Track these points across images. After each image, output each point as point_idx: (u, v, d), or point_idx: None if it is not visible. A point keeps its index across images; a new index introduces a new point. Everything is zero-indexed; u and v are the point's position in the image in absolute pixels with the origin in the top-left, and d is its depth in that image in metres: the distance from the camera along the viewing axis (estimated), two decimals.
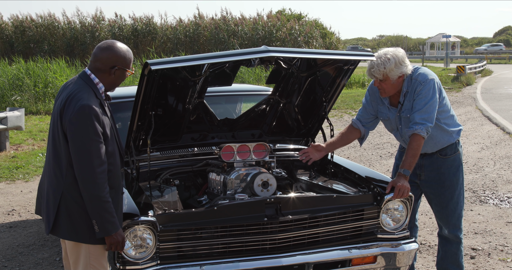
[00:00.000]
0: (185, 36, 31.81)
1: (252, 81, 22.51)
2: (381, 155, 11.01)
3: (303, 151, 4.96)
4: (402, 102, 4.56)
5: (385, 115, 4.73)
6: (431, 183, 4.71)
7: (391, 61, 4.37)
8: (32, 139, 13.25)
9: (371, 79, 4.57)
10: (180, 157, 5.14)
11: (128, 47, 3.65)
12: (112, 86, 3.63)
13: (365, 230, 4.41)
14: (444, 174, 4.65)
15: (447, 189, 4.66)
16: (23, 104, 18.05)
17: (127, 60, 3.58)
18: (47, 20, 32.69)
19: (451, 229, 4.73)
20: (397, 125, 4.67)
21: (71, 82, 3.56)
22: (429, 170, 4.69)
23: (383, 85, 4.49)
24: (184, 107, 4.81)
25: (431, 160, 4.67)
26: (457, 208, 4.71)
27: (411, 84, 4.50)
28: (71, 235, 3.47)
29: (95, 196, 3.33)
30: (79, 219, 3.42)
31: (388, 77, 4.43)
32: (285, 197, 4.14)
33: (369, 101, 4.82)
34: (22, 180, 9.46)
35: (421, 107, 4.39)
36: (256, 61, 4.49)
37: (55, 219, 3.45)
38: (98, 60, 3.53)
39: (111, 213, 3.39)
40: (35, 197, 8.19)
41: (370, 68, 4.46)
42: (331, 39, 35.60)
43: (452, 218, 4.72)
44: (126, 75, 3.61)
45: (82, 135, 3.32)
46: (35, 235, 6.57)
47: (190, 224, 3.93)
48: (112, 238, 3.44)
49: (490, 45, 79.14)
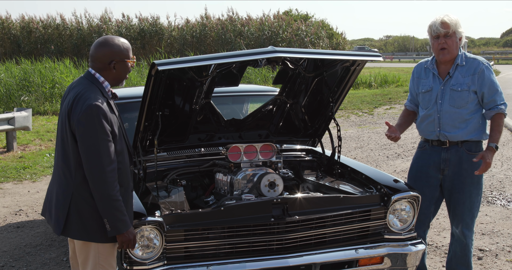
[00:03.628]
0: (192, 37, 31.82)
1: (258, 82, 22.51)
2: (388, 155, 10.99)
3: (390, 132, 4.74)
4: (452, 74, 4.62)
5: (428, 86, 4.73)
6: (453, 178, 4.70)
7: (457, 19, 4.56)
8: (39, 139, 13.28)
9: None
10: (187, 158, 5.15)
11: (122, 38, 3.63)
12: (118, 81, 3.62)
13: (372, 231, 4.40)
14: (467, 170, 4.63)
15: (467, 186, 4.66)
16: (30, 105, 18.09)
17: (123, 51, 3.56)
18: (54, 21, 32.75)
19: (464, 227, 4.72)
20: (437, 99, 4.66)
21: (77, 82, 3.56)
22: (453, 165, 4.68)
23: (449, 42, 4.56)
24: (191, 107, 4.82)
25: (456, 154, 4.66)
26: (473, 207, 4.71)
27: (468, 61, 4.62)
28: (82, 235, 3.47)
29: (106, 195, 3.33)
30: (90, 218, 3.43)
31: (454, 33, 4.56)
32: (292, 198, 4.14)
33: (414, 80, 4.88)
34: (29, 180, 9.49)
35: (496, 89, 4.57)
36: (263, 62, 4.50)
37: (66, 220, 3.45)
38: (95, 59, 3.54)
39: (122, 211, 3.40)
40: (43, 198, 8.23)
41: (444, 19, 4.54)
42: (337, 39, 35.55)
43: (467, 217, 4.71)
44: (128, 66, 3.60)
45: (91, 134, 3.33)
46: (42, 235, 6.59)
47: (197, 225, 3.94)
48: (123, 237, 3.44)
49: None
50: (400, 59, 68.45)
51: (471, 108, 4.58)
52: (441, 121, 4.63)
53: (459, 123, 4.60)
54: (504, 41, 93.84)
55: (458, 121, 4.60)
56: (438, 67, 4.71)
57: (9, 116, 11.65)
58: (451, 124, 4.61)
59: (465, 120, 4.59)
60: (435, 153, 4.74)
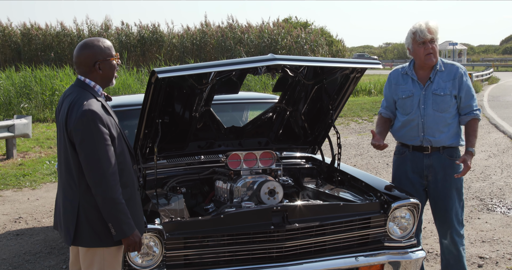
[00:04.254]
0: (192, 44, 31.89)
1: (258, 89, 22.54)
2: (388, 163, 10.99)
3: (375, 140, 4.77)
4: (433, 79, 4.69)
5: (408, 91, 4.76)
6: (437, 184, 4.75)
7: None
8: (39, 146, 13.29)
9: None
10: (187, 165, 5.14)
11: (102, 38, 3.61)
12: (108, 80, 3.60)
13: (372, 238, 4.39)
14: (451, 175, 4.70)
15: (452, 191, 4.72)
16: (30, 112, 18.11)
17: (105, 50, 3.54)
18: (54, 29, 32.81)
19: (454, 234, 4.74)
20: (419, 104, 4.70)
21: (69, 91, 3.56)
22: (436, 171, 4.73)
23: (434, 47, 4.65)
24: (191, 115, 4.82)
25: (439, 160, 4.72)
26: (459, 212, 4.77)
27: (447, 66, 4.72)
28: (94, 242, 3.44)
29: (109, 198, 3.32)
30: (100, 224, 3.41)
31: (437, 39, 4.67)
32: (291, 205, 4.13)
33: (391, 87, 4.89)
34: (29, 188, 9.49)
35: (472, 95, 4.70)
36: (262, 69, 4.49)
37: (76, 229, 3.43)
38: (80, 63, 3.54)
39: (126, 214, 3.38)
40: (42, 205, 8.23)
41: (431, 24, 4.64)
42: (337, 46, 35.62)
43: (455, 222, 4.75)
44: (113, 64, 3.57)
45: (88, 140, 3.33)
46: (41, 243, 6.58)
47: (197, 232, 3.93)
48: (129, 240, 3.42)
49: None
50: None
51: (452, 112, 4.68)
52: (425, 125, 4.69)
53: (442, 127, 4.67)
54: (504, 48, 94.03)
55: (441, 125, 4.66)
56: (416, 72, 4.77)
57: (9, 124, 11.66)
58: (435, 128, 4.67)
59: (448, 124, 4.67)
60: (417, 159, 4.78)
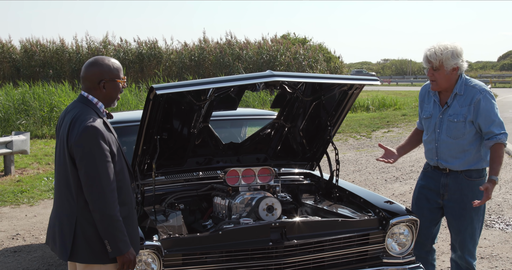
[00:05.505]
0: (190, 60, 31.98)
1: (257, 105, 22.58)
2: (386, 179, 10.99)
3: (383, 157, 4.82)
4: (450, 103, 4.55)
5: (428, 112, 4.70)
6: (453, 204, 4.62)
7: (449, 50, 4.41)
8: (37, 163, 13.27)
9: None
10: (185, 181, 5.14)
11: (113, 58, 3.64)
12: (110, 101, 3.62)
13: (371, 255, 4.39)
14: (467, 196, 4.54)
15: (468, 212, 4.57)
16: (28, 128, 18.11)
17: (113, 71, 3.56)
18: (55, 45, 32.88)
19: (467, 255, 4.64)
20: (435, 128, 4.63)
21: (71, 106, 3.57)
22: (452, 191, 4.61)
23: (436, 75, 4.49)
24: (189, 131, 4.82)
25: (456, 180, 4.59)
26: (475, 233, 4.63)
27: (467, 90, 4.51)
28: (90, 258, 3.44)
29: (106, 215, 3.32)
30: (96, 241, 3.40)
31: (442, 66, 4.44)
32: (290, 222, 4.13)
33: (419, 103, 4.86)
34: (26, 204, 9.46)
35: (493, 120, 4.44)
36: (261, 86, 4.51)
37: (73, 245, 3.42)
38: (86, 79, 3.56)
39: (123, 232, 3.38)
40: (40, 222, 8.20)
41: (427, 54, 4.48)
42: (335, 63, 35.75)
43: (469, 243, 4.63)
44: (118, 85, 3.59)
45: (89, 156, 3.33)
46: (39, 260, 6.55)
47: (195, 249, 3.92)
48: (124, 257, 3.42)
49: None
50: (398, 82, 68.71)
51: (469, 138, 4.51)
52: (438, 150, 4.60)
53: (457, 153, 4.53)
54: (501, 64, 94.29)
55: (456, 151, 4.54)
56: (439, 93, 4.66)
57: (7, 140, 11.65)
58: (448, 154, 4.56)
59: (464, 150, 4.52)
60: (436, 176, 4.70)
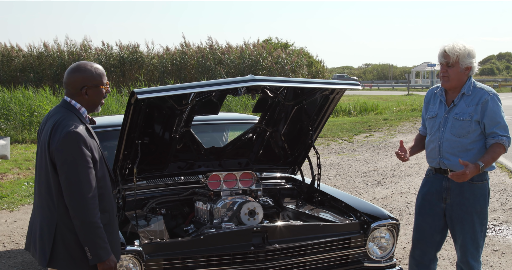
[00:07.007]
0: (172, 65, 31.90)
1: (239, 110, 22.57)
2: (368, 183, 11.03)
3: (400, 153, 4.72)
4: (457, 102, 4.56)
5: (433, 112, 4.70)
6: (455, 207, 4.59)
7: (466, 48, 4.46)
8: (17, 168, 13.15)
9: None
10: (167, 186, 5.13)
11: (96, 63, 3.61)
12: (92, 107, 3.59)
13: (352, 259, 4.40)
14: (469, 199, 4.53)
15: (470, 215, 4.55)
16: (8, 133, 17.96)
17: (95, 77, 3.54)
18: (37, 50, 32.56)
19: (470, 258, 4.59)
20: (440, 126, 4.63)
21: (54, 111, 3.55)
22: (454, 194, 4.58)
23: (450, 71, 4.50)
24: (170, 135, 4.82)
25: (457, 183, 4.54)
26: (477, 237, 4.59)
27: (474, 91, 4.53)
28: (70, 265, 3.41)
29: (87, 222, 3.29)
30: (76, 248, 3.38)
31: (458, 63, 4.46)
32: (272, 226, 4.14)
33: (424, 106, 4.87)
34: (6, 210, 9.37)
35: (498, 122, 4.46)
36: (242, 90, 4.51)
37: (52, 251, 3.39)
38: (68, 85, 3.54)
39: (103, 238, 3.36)
40: (20, 227, 8.13)
41: (445, 48, 4.50)
42: (317, 67, 35.86)
43: (471, 246, 4.59)
44: (101, 91, 3.56)
45: (70, 162, 3.31)
46: (19, 266, 6.49)
47: (177, 254, 3.91)
48: (105, 264, 3.39)
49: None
50: (379, 87, 69.20)
51: (473, 137, 4.50)
52: (441, 148, 4.58)
53: (459, 151, 4.52)
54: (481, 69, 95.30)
55: (458, 150, 4.52)
56: (446, 94, 4.68)
57: None
58: (450, 152, 4.55)
59: (466, 149, 4.51)
60: (438, 181, 4.66)
